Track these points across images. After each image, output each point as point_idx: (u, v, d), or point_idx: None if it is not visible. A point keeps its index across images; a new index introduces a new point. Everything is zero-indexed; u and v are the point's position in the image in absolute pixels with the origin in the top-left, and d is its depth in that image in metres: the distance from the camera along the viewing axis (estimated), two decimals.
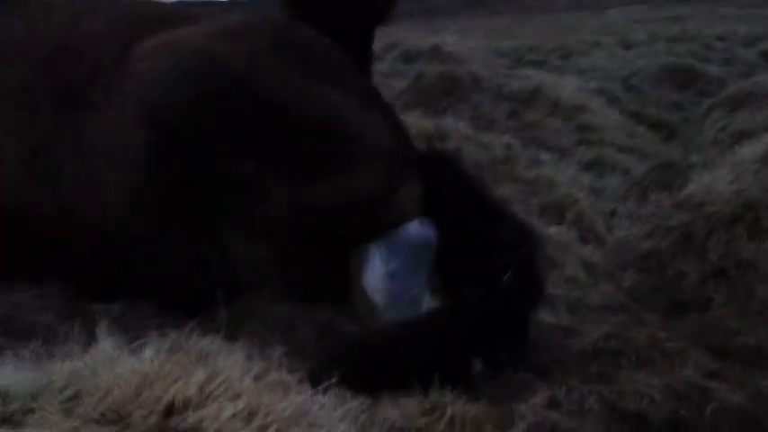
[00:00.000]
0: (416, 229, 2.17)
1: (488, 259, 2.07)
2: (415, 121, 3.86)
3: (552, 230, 3.12)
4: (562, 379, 2.01)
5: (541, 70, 8.00)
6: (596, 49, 10.63)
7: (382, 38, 9.56)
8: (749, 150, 3.49)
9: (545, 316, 2.47)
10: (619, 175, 4.03)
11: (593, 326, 2.42)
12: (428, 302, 2.15)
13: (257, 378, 1.55)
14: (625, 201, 3.70)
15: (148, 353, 1.55)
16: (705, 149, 4.72)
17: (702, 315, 2.63)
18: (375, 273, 2.14)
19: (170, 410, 1.34)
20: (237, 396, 1.40)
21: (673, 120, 5.69)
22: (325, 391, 1.58)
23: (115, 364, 1.49)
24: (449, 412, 1.68)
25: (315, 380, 1.65)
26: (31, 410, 1.35)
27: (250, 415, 1.36)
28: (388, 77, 7.09)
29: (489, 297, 2.01)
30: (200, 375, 1.42)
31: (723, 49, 9.35)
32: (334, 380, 1.62)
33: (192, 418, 1.32)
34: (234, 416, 1.34)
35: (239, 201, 2.01)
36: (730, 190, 3.19)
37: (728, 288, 2.76)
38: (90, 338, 1.75)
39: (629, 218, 3.50)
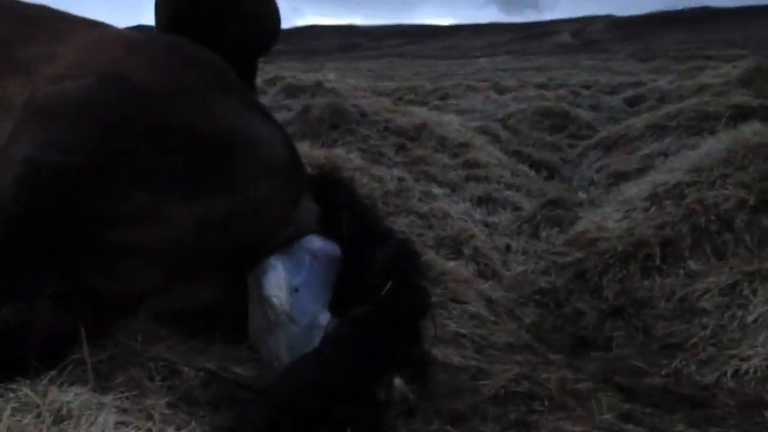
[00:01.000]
0: (320, 243, 2.04)
1: (372, 276, 1.97)
2: (306, 152, 3.66)
3: (451, 265, 2.99)
4: (480, 427, 1.85)
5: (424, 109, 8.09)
6: (472, 92, 10.95)
7: (263, 73, 9.36)
8: (634, 190, 3.57)
9: (452, 356, 2.32)
10: (509, 211, 4.00)
11: (502, 367, 2.29)
12: (325, 318, 1.97)
13: None
14: (518, 236, 3.66)
15: None
16: (589, 188, 4.84)
17: (605, 354, 2.58)
18: (278, 284, 1.97)
19: None
20: None
21: (551, 159, 5.84)
22: None
23: None
24: None
25: None
26: None
27: None
28: (273, 111, 6.83)
29: (376, 312, 1.86)
30: None
31: (590, 96, 9.90)
32: None
33: None
34: None
35: (129, 236, 1.81)
36: (621, 227, 3.22)
37: (627, 326, 2.74)
38: None
39: (524, 253, 3.46)
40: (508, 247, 3.50)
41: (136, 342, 1.89)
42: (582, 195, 4.11)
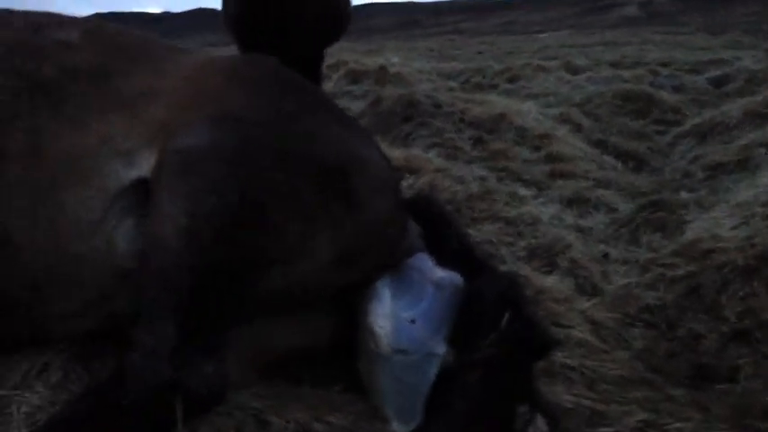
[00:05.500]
0: (442, 272, 1.89)
1: (484, 306, 1.84)
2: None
3: (549, 281, 2.73)
4: None
5: (494, 93, 7.75)
6: (542, 72, 10.47)
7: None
8: (749, 192, 3.22)
9: (563, 393, 2.08)
10: (603, 213, 3.69)
11: (621, 408, 2.04)
12: (441, 348, 1.81)
13: None
14: (615, 242, 3.35)
15: None
16: (683, 181, 4.47)
17: (731, 387, 2.28)
18: (384, 313, 1.83)
19: None
20: None
21: (638, 149, 5.43)
22: None
23: None
24: None
25: None
26: None
27: None
28: (337, 98, 6.67)
29: (504, 352, 1.74)
30: None
31: (670, 76, 9.32)
32: None
33: None
34: None
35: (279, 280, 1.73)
36: (738, 236, 2.88)
37: (754, 353, 2.42)
38: None
39: (625, 263, 3.15)
40: (606, 256, 3.20)
41: None
42: (685, 195, 3.74)
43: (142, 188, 1.72)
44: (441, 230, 2.09)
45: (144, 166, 1.73)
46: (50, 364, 1.82)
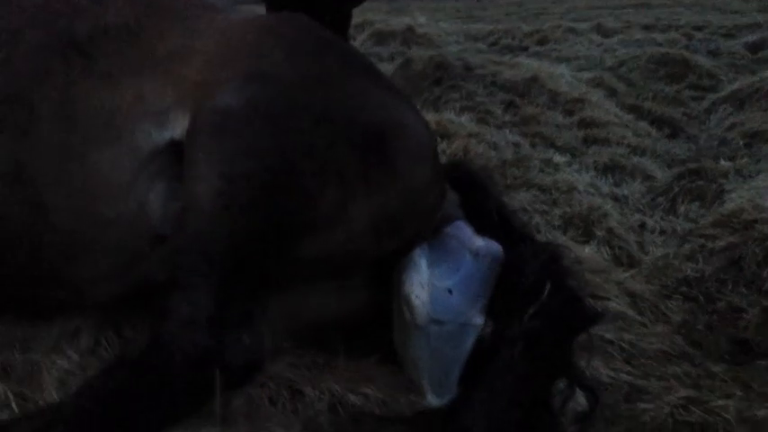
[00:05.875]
0: (482, 241, 1.81)
1: (524, 278, 1.78)
2: None
3: (586, 251, 2.66)
4: None
5: (524, 56, 7.57)
6: (573, 35, 10.19)
7: None
8: None
9: (601, 368, 2.02)
10: (639, 181, 3.58)
11: (660, 384, 1.98)
12: (479, 319, 1.77)
13: None
14: (652, 211, 3.25)
15: None
16: (719, 149, 4.34)
17: None
18: (420, 281, 1.77)
19: None
20: None
21: (674, 115, 5.27)
22: None
23: None
24: None
25: None
26: None
27: None
28: None
29: (547, 326, 1.67)
30: None
31: (705, 40, 9.04)
32: None
33: None
34: None
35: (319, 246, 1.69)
36: None
37: None
38: None
39: (662, 233, 3.07)
40: (642, 226, 3.12)
41: None
42: (724, 163, 3.62)
43: (175, 151, 1.67)
44: (478, 198, 2.02)
45: (177, 128, 1.67)
46: (81, 329, 1.80)
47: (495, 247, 1.80)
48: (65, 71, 1.70)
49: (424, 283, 1.76)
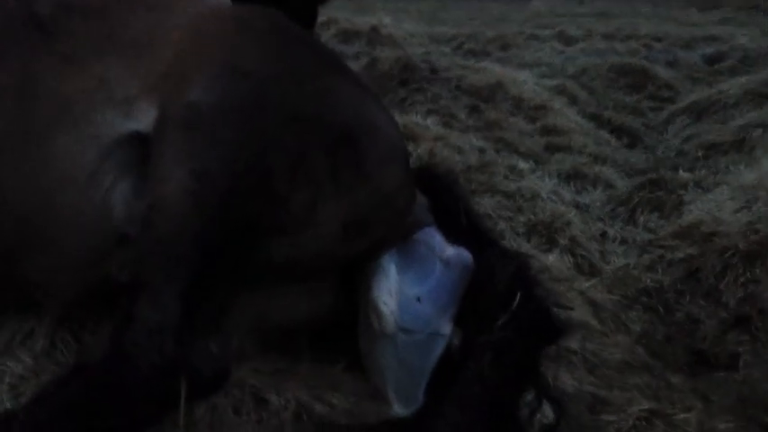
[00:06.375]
0: (452, 250, 1.80)
1: (492, 286, 1.77)
2: None
3: (550, 260, 2.67)
4: None
5: (487, 61, 7.61)
6: (535, 41, 10.29)
7: None
8: (752, 175, 3.17)
9: (565, 378, 2.03)
10: (600, 190, 3.63)
11: (623, 395, 2.00)
12: (447, 328, 1.75)
13: None
14: (613, 221, 3.30)
15: None
16: (677, 159, 4.43)
17: (731, 375, 2.25)
18: (389, 289, 1.74)
19: None
20: None
21: (633, 125, 5.36)
22: None
23: None
24: None
25: None
26: None
27: None
28: None
29: (515, 337, 1.66)
30: None
31: (664, 51, 9.22)
32: None
33: None
34: None
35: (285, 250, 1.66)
36: (741, 221, 2.84)
37: (753, 341, 2.40)
38: None
39: (623, 242, 3.11)
40: (603, 235, 3.15)
41: None
42: (683, 175, 3.69)
43: (141, 146, 1.61)
44: (447, 202, 2.00)
45: (143, 119, 1.61)
46: (36, 330, 1.73)
47: (465, 255, 1.79)
48: (24, 47, 1.63)
49: (392, 291, 1.73)
